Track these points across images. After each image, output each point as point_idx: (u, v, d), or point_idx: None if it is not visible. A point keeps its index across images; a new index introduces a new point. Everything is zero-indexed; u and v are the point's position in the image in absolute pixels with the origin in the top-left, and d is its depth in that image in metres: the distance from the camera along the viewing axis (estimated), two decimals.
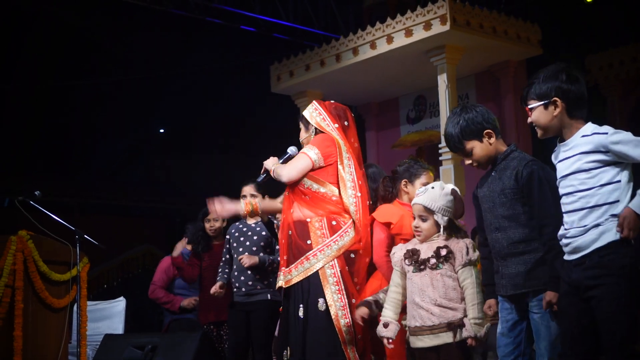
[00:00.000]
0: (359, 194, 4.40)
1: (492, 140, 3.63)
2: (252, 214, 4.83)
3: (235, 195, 5.72)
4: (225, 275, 5.55)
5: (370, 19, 8.68)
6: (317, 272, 4.23)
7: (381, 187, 4.59)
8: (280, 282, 4.34)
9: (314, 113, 4.55)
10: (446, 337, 3.81)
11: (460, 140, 3.66)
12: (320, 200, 4.35)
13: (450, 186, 4.02)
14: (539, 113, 3.24)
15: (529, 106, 3.27)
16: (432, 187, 3.98)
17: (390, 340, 3.96)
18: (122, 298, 7.61)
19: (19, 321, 5.15)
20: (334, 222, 4.31)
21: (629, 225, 2.98)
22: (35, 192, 5.36)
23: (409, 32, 7.25)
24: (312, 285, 4.22)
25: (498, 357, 3.67)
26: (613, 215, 3.06)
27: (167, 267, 6.70)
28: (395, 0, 9.01)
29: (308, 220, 4.32)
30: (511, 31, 7.46)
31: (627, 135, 3.06)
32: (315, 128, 4.53)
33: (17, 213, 5.32)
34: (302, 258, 4.26)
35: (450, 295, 3.83)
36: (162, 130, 13.46)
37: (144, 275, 11.10)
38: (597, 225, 3.08)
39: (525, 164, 3.52)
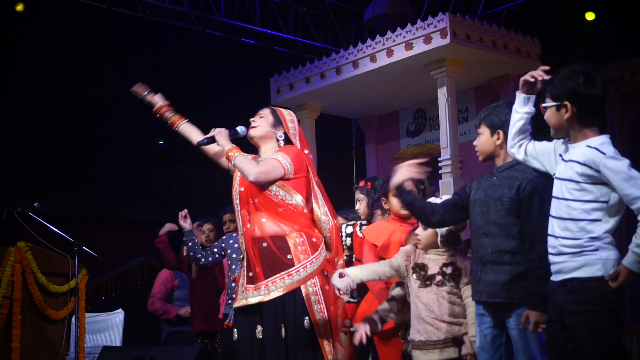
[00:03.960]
0: (335, 221, 4.31)
1: (499, 142, 3.61)
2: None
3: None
4: (199, 255, 5.49)
5: (370, 32, 8.70)
6: (300, 289, 4.07)
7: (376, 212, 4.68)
8: (257, 298, 4.07)
9: (290, 125, 4.35)
10: (452, 352, 3.81)
11: (481, 119, 3.70)
12: (293, 214, 4.19)
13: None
14: (550, 113, 3.19)
15: (543, 105, 3.22)
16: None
17: (341, 292, 3.89)
18: (120, 310, 7.59)
19: (17, 332, 5.14)
20: (314, 239, 4.17)
21: (621, 280, 2.94)
22: (34, 204, 5.34)
23: (409, 46, 7.26)
24: (298, 304, 4.06)
25: None
26: (592, 238, 3.01)
27: (165, 279, 6.69)
28: (396, 14, 9.03)
29: (286, 234, 4.14)
30: (511, 45, 7.48)
31: (622, 165, 2.98)
32: (285, 135, 4.34)
33: (15, 224, 5.31)
34: (282, 273, 4.07)
35: (455, 311, 3.83)
36: (161, 142, 13.48)
37: (142, 287, 11.05)
38: (579, 250, 3.03)
39: (530, 178, 3.49)
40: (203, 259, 5.47)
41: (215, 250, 5.50)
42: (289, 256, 4.10)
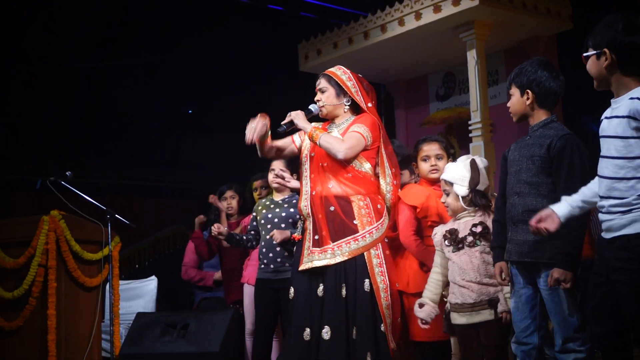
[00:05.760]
0: (395, 182, 4.44)
1: (529, 102, 3.58)
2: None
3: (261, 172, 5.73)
4: (240, 240, 5.49)
5: None
6: (363, 254, 4.24)
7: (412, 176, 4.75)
8: (323, 262, 4.24)
9: (348, 83, 4.44)
10: (487, 314, 3.83)
11: (511, 79, 3.67)
12: (361, 180, 4.34)
13: (474, 157, 4.04)
14: (591, 63, 3.11)
15: (584, 54, 3.14)
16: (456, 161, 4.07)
17: (423, 322, 4.02)
18: (153, 277, 7.67)
19: (53, 300, 5.22)
20: (379, 206, 4.33)
21: None
22: (67, 173, 5.40)
23: (437, 8, 7.17)
24: (359, 266, 4.21)
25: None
26: None
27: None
28: None
29: (352, 198, 4.29)
30: (541, 6, 7.35)
31: None
32: (351, 99, 4.46)
33: (49, 194, 5.37)
34: (348, 238, 4.24)
35: (490, 271, 3.83)
36: (190, 111, 13.51)
37: (174, 255, 11.17)
38: (628, 209, 2.94)
39: (562, 135, 3.46)
40: (254, 242, 5.53)
41: (253, 232, 5.53)
42: (354, 221, 4.25)
